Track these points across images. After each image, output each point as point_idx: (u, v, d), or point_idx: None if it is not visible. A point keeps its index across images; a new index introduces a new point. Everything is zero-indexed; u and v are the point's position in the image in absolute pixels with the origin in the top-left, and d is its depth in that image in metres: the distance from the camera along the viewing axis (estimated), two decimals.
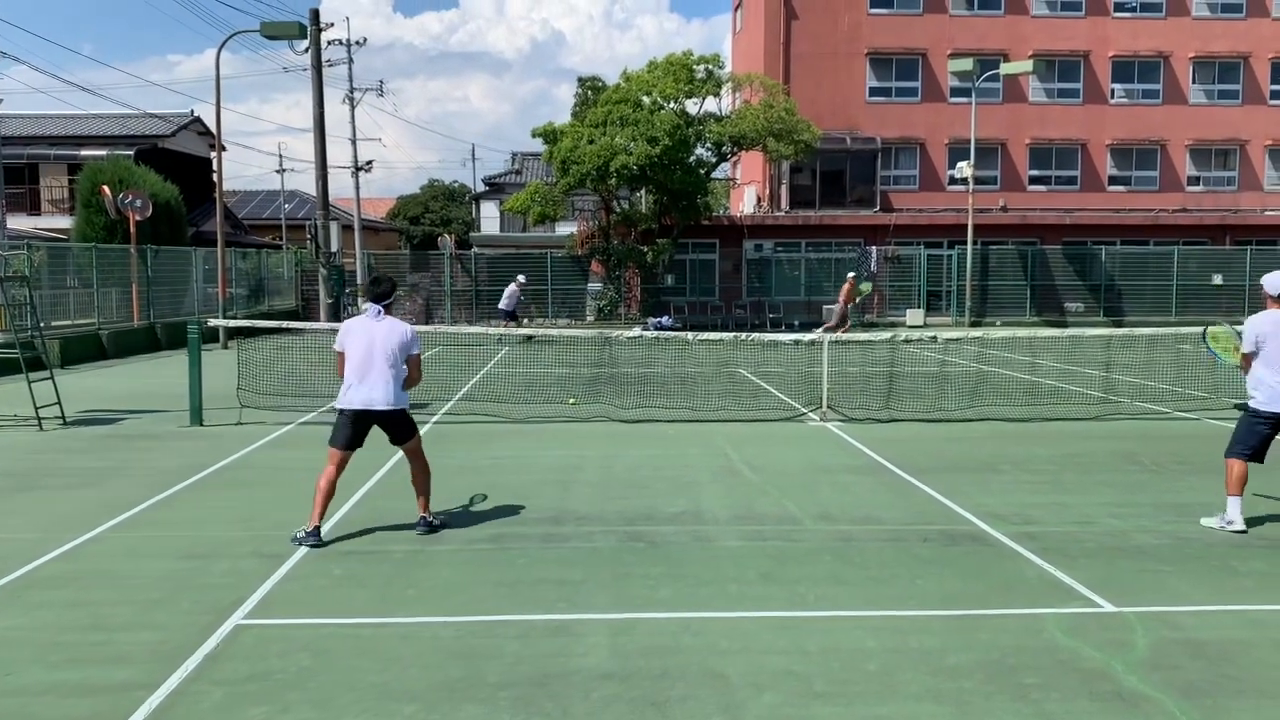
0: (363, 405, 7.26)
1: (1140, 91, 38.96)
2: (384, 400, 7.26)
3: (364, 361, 7.25)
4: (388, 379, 7.25)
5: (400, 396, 7.35)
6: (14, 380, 14.58)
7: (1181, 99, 38.86)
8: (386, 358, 7.25)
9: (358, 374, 7.27)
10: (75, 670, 4.93)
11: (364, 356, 7.26)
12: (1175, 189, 39.10)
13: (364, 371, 7.26)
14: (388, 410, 7.30)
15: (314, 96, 29.69)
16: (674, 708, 4.51)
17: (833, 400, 13.25)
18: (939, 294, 35.84)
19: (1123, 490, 8.87)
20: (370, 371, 7.25)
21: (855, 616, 5.68)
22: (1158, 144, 38.94)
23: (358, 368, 7.27)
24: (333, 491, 7.31)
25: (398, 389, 7.32)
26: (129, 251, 24.89)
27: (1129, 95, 38.96)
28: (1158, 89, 38.93)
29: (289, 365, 16.37)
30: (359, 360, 7.27)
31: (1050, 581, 6.29)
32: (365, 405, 7.26)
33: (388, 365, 7.25)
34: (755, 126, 30.82)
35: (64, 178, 41.58)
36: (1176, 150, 39.04)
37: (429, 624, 5.55)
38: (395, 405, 7.31)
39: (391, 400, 7.28)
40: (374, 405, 7.26)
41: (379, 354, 7.25)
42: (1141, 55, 38.59)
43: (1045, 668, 4.94)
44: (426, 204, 73.52)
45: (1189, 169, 39.21)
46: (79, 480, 9.35)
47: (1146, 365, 18.35)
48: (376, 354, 7.25)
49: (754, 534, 7.40)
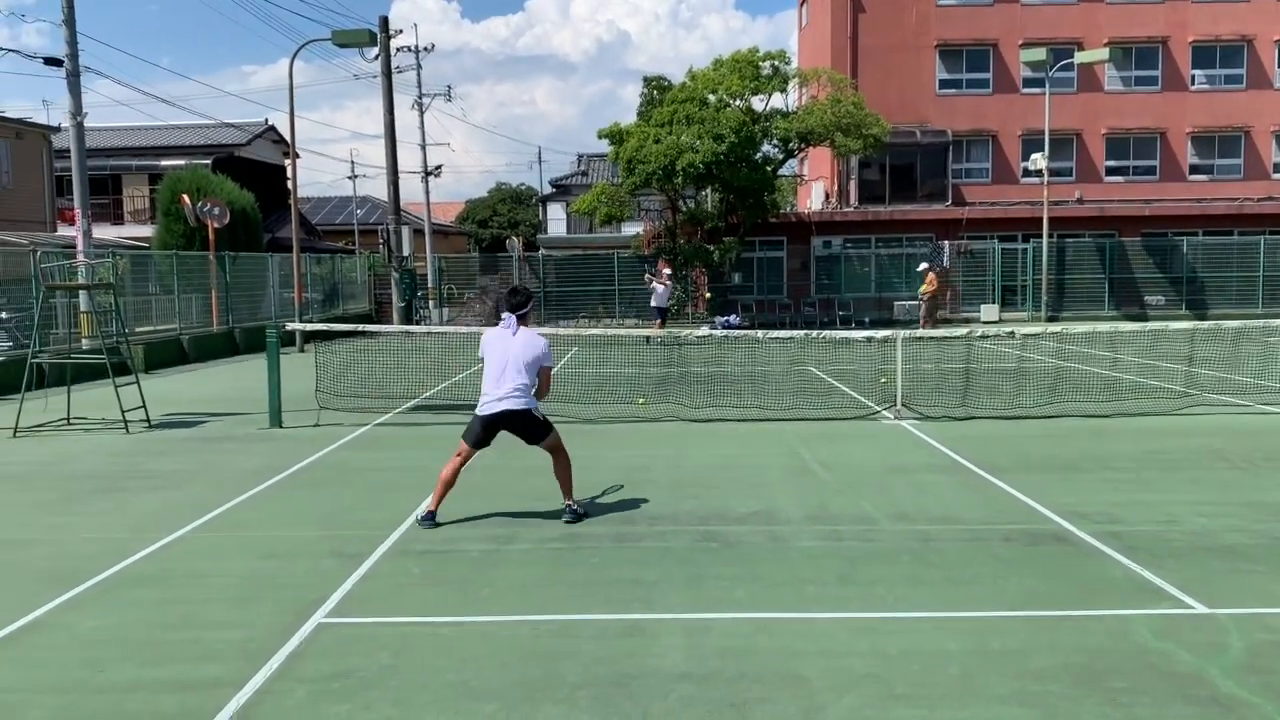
0: (494, 413, 7.58)
1: (1222, 77, 37.80)
2: (514, 406, 7.56)
3: (500, 373, 7.60)
4: (519, 388, 7.55)
5: (530, 402, 7.63)
6: (101, 385, 15.02)
7: (1266, 83, 37.62)
8: (520, 369, 7.57)
9: (494, 383, 7.61)
10: (165, 668, 5.05)
11: (499, 367, 7.61)
12: (1260, 177, 37.85)
13: (499, 381, 7.59)
14: (517, 411, 7.58)
15: (384, 103, 30.17)
16: (753, 709, 4.47)
17: (907, 398, 13.06)
18: (1014, 289, 35.15)
19: (1210, 488, 8.59)
20: (504, 382, 7.57)
21: (935, 618, 5.58)
22: (1241, 131, 37.74)
23: (495, 378, 7.62)
24: (453, 481, 7.76)
25: (528, 396, 7.61)
26: (208, 258, 25.52)
27: (1210, 81, 37.82)
28: (1241, 74, 37.73)
29: (365, 368, 16.64)
30: (495, 372, 7.63)
31: (1137, 582, 6.12)
32: (496, 413, 7.58)
33: (520, 376, 7.57)
34: (822, 122, 30.55)
35: (145, 188, 42.83)
36: (1261, 136, 37.79)
37: (506, 623, 5.59)
38: (524, 407, 7.58)
39: (520, 405, 7.56)
40: (505, 408, 7.57)
41: (513, 365, 7.57)
42: (1223, 39, 37.42)
43: (1135, 671, 4.79)
44: (494, 207, 74.23)
45: (1275, 155, 37.92)
46: (164, 482, 9.60)
47: (1232, 359, 17.78)
48: (510, 365, 7.57)
49: (829, 534, 7.32)
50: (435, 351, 20.58)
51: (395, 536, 7.39)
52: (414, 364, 18.27)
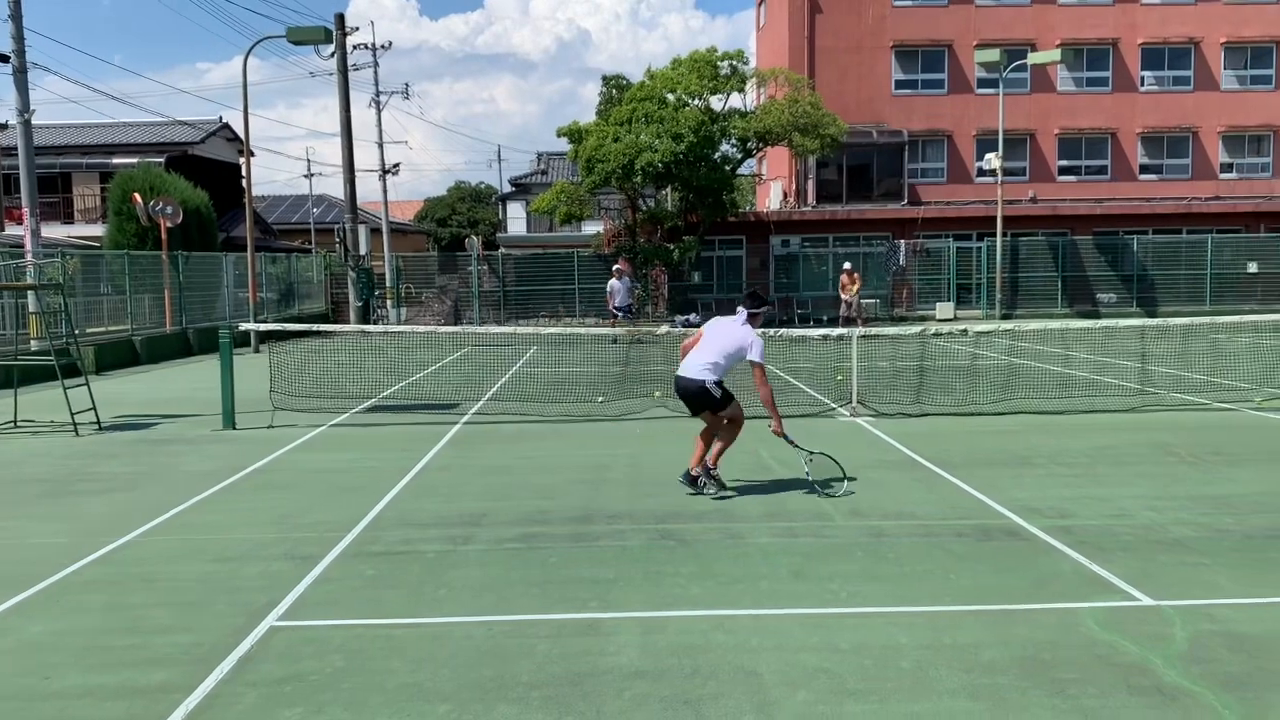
0: (677, 382, 8.38)
1: (1171, 78, 38.49)
2: (688, 374, 8.22)
3: (700, 346, 8.32)
4: (705, 365, 8.14)
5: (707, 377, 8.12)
6: (49, 387, 14.76)
7: (1213, 85, 38.35)
8: (715, 351, 8.18)
9: (690, 355, 8.33)
10: (113, 673, 4.98)
11: (704, 343, 8.33)
12: (1208, 176, 38.59)
13: (695, 356, 8.26)
14: (692, 381, 8.19)
15: (340, 101, 29.90)
16: (707, 706, 4.49)
17: (863, 395, 13.17)
18: (969, 287, 35.55)
19: (1159, 482, 8.75)
20: (697, 358, 8.22)
21: (888, 613, 5.63)
22: (1189, 131, 38.44)
23: (694, 349, 8.33)
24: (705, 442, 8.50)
25: (708, 373, 8.12)
26: (160, 258, 25.16)
27: (1159, 82, 38.49)
28: (1189, 75, 38.44)
29: (321, 368, 16.48)
30: (699, 345, 8.35)
31: (1086, 575, 6.22)
32: (677, 381, 8.37)
33: (712, 355, 8.16)
34: (780, 121, 30.70)
35: (96, 186, 42.15)
36: (1209, 137, 38.52)
37: (461, 624, 5.56)
38: (698, 378, 8.15)
39: (694, 375, 8.16)
40: (680, 375, 8.31)
41: (712, 346, 8.23)
42: (1172, 41, 38.10)
43: (1082, 662, 4.87)
44: (453, 206, 73.95)
45: (1222, 156, 38.68)
46: (114, 485, 9.45)
47: (1181, 356, 18.11)
48: (710, 345, 8.24)
49: (785, 531, 7.36)
50: (392, 351, 20.48)
51: (350, 538, 7.33)
52: (370, 364, 18.13)
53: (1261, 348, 18.71)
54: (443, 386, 15.86)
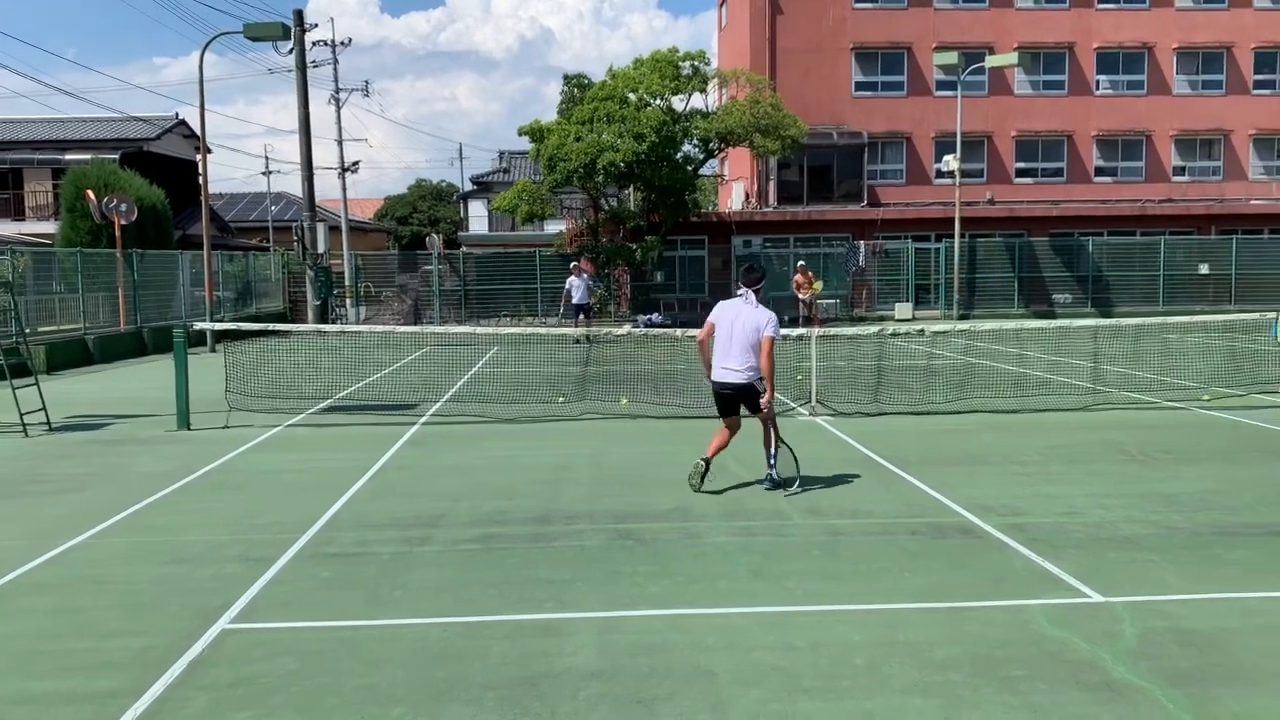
0: (718, 382, 8.38)
1: (1125, 83, 39.07)
2: (735, 380, 8.28)
3: (726, 344, 8.30)
4: (743, 363, 8.21)
5: (752, 375, 8.24)
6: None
7: (1166, 89, 38.98)
8: (743, 343, 8.21)
9: (721, 354, 8.33)
10: (60, 679, 4.89)
11: (726, 338, 8.31)
12: (1161, 179, 39.22)
13: (725, 353, 8.30)
14: (740, 385, 8.27)
15: (298, 98, 29.62)
16: (661, 705, 4.49)
17: (822, 395, 13.25)
18: (927, 287, 35.88)
19: (1110, 480, 8.88)
20: (730, 355, 8.27)
21: (843, 611, 5.67)
22: (1143, 135, 39.06)
23: (723, 349, 8.33)
24: (723, 445, 8.59)
25: (750, 370, 8.23)
26: (115, 256, 24.77)
27: (1114, 86, 39.06)
28: (1142, 80, 39.04)
29: (277, 368, 16.30)
30: (723, 340, 8.33)
31: (1038, 572, 6.30)
32: (719, 382, 8.37)
33: (745, 351, 8.21)
34: (741, 122, 30.79)
35: (48, 183, 41.38)
36: (1162, 141, 39.15)
37: (416, 625, 5.53)
38: (745, 381, 8.23)
39: (741, 379, 8.24)
40: (726, 380, 8.31)
41: (737, 339, 8.23)
42: (1126, 46, 38.69)
43: (1033, 659, 4.94)
44: (414, 204, 73.43)
45: (1174, 159, 39.32)
46: (65, 486, 9.30)
47: (1133, 355, 18.40)
48: (735, 339, 8.24)
49: (743, 529, 7.39)
50: (350, 351, 20.32)
51: (305, 540, 7.26)
52: (328, 364, 17.97)
53: (1211, 347, 19.07)
54: (402, 387, 15.76)
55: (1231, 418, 12.10)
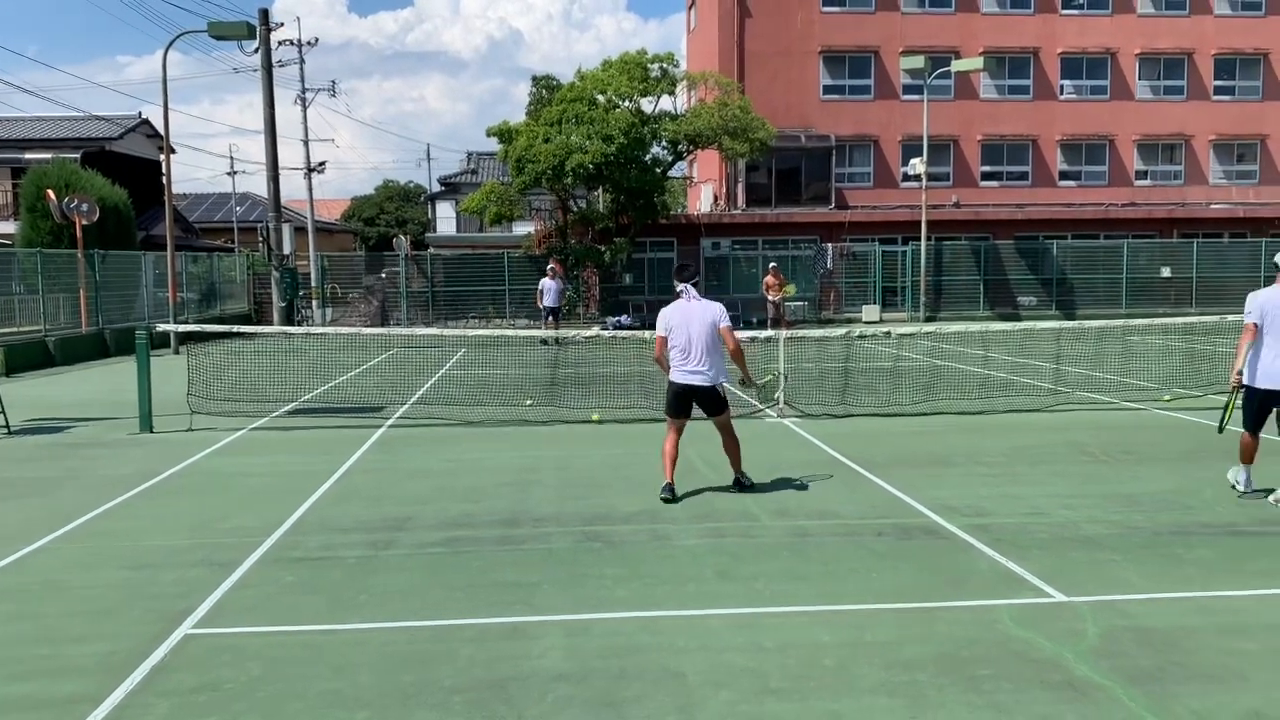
0: (682, 384, 8.28)
1: (1088, 88, 39.57)
2: (698, 382, 8.25)
3: (686, 345, 8.24)
4: (706, 364, 8.22)
5: (715, 378, 8.27)
6: None
7: (1128, 95, 39.52)
8: (703, 343, 8.20)
9: (681, 356, 8.26)
10: (18, 684, 4.82)
11: (685, 339, 8.23)
12: (1124, 183, 39.76)
13: (685, 354, 8.25)
14: (702, 388, 8.27)
15: (264, 98, 29.38)
16: (629, 708, 4.49)
17: (790, 397, 13.30)
18: (894, 290, 36.12)
19: (1073, 481, 8.97)
20: (691, 356, 8.24)
21: (812, 612, 5.69)
22: (1106, 139, 39.57)
23: (682, 351, 8.26)
24: (675, 452, 8.45)
25: (714, 371, 8.25)
26: (76, 256, 24.43)
27: (1077, 91, 39.55)
28: (1105, 85, 39.56)
29: (241, 370, 16.14)
30: (682, 344, 8.25)
31: (1002, 573, 6.36)
32: (683, 384, 8.27)
33: (705, 351, 8.21)
34: (710, 124, 30.88)
35: (7, 182, 40.77)
36: (1124, 145, 39.68)
37: (381, 630, 5.49)
38: (709, 384, 8.26)
39: (704, 382, 8.24)
40: (690, 383, 8.26)
41: (697, 339, 8.21)
42: (1089, 52, 39.19)
43: (998, 659, 4.98)
44: (381, 205, 73.04)
45: (1137, 163, 39.88)
46: (24, 490, 9.15)
47: (1095, 357, 18.61)
48: (695, 339, 8.21)
49: (712, 531, 7.40)
50: (315, 353, 20.15)
51: (269, 544, 7.20)
52: (294, 366, 17.82)
53: (1171, 349, 19.33)
54: (368, 389, 15.66)
55: (1191, 419, 12.28)
